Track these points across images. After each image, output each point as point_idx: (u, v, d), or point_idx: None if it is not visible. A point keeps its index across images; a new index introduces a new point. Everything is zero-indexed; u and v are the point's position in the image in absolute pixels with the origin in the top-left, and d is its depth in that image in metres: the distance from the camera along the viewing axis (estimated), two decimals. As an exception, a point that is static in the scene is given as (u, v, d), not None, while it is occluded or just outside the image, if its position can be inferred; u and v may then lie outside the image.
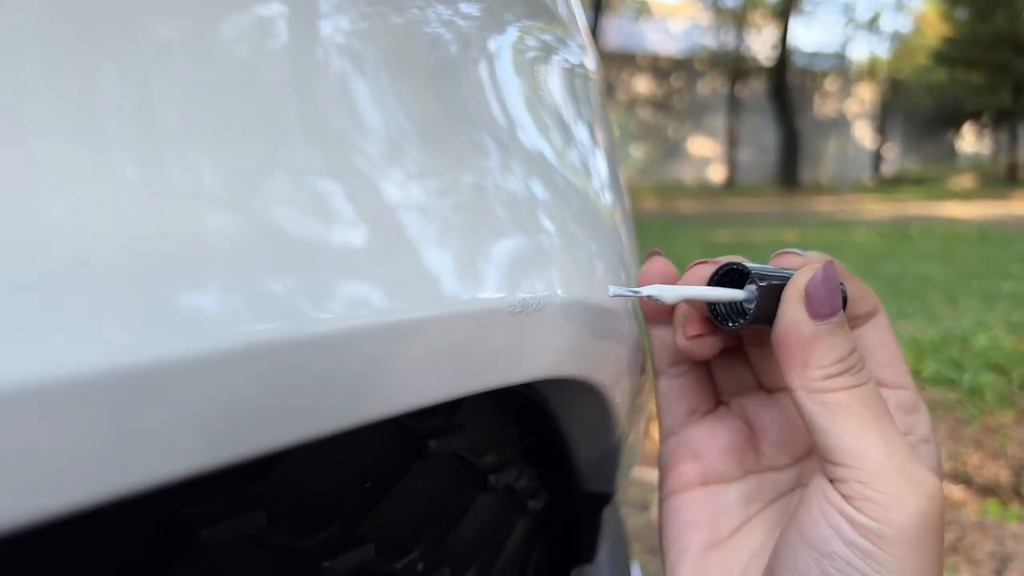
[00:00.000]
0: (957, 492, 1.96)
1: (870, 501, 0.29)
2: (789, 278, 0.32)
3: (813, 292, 0.30)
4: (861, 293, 0.36)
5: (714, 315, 0.33)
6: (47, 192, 0.15)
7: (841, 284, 0.34)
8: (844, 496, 0.29)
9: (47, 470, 0.14)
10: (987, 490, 1.97)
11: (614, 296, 0.30)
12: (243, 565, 0.25)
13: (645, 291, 0.31)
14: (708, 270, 0.34)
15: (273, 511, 0.24)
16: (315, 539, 0.26)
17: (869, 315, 0.36)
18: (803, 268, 0.31)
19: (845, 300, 0.35)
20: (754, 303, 0.31)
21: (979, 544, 1.71)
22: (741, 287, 0.32)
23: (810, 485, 0.32)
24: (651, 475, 1.71)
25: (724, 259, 0.34)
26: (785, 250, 0.36)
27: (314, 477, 0.27)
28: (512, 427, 0.39)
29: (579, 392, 0.35)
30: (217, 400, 0.17)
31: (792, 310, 0.31)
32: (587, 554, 0.48)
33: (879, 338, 0.36)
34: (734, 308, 0.33)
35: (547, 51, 0.39)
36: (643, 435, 0.51)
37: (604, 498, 0.45)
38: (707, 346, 0.35)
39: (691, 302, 0.34)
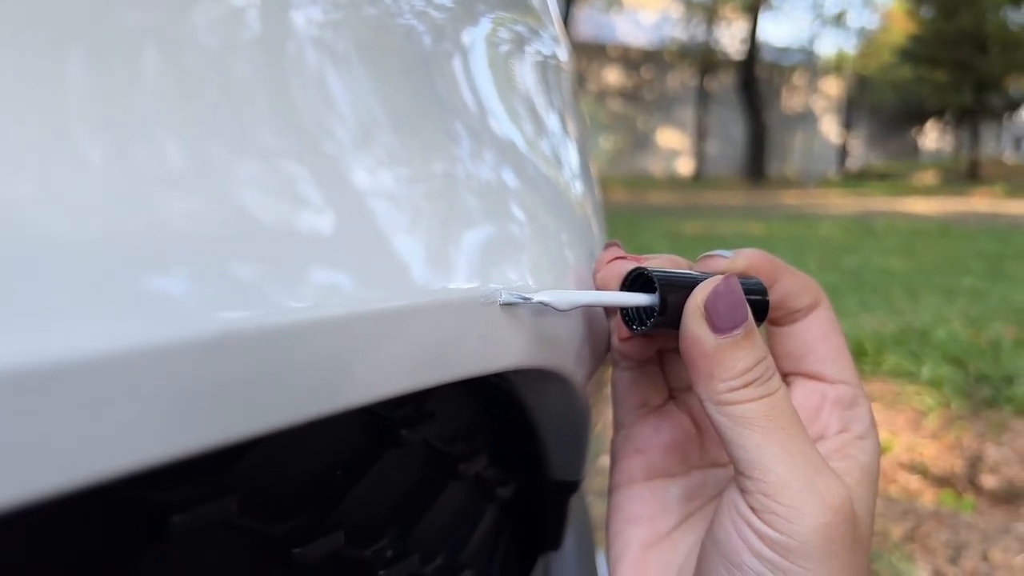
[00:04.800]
0: (914, 482, 2.00)
1: (774, 513, 0.29)
2: (697, 284, 0.31)
3: (712, 307, 0.30)
4: (799, 286, 0.35)
5: (625, 316, 0.33)
6: (26, 181, 0.15)
7: (757, 292, 0.34)
8: (751, 508, 0.29)
9: (15, 458, 0.14)
10: (943, 480, 2.02)
11: (504, 303, 0.28)
12: (213, 552, 0.25)
13: (537, 297, 0.28)
14: (626, 267, 0.33)
15: (244, 498, 0.24)
16: (286, 526, 0.26)
17: (810, 308, 0.36)
18: (705, 281, 0.31)
19: (766, 307, 0.34)
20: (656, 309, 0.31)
21: (934, 533, 1.75)
22: (654, 290, 0.32)
23: (724, 495, 0.31)
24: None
25: (634, 259, 0.34)
26: (711, 253, 0.36)
27: (285, 464, 0.27)
28: (482, 415, 0.39)
29: (548, 381, 0.35)
30: (189, 388, 0.17)
31: (692, 324, 0.30)
32: (553, 542, 0.48)
33: (820, 331, 0.36)
34: (645, 311, 0.32)
35: (520, 41, 0.39)
36: (609, 424, 0.51)
37: (571, 486, 0.45)
38: (639, 348, 0.35)
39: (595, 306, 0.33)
